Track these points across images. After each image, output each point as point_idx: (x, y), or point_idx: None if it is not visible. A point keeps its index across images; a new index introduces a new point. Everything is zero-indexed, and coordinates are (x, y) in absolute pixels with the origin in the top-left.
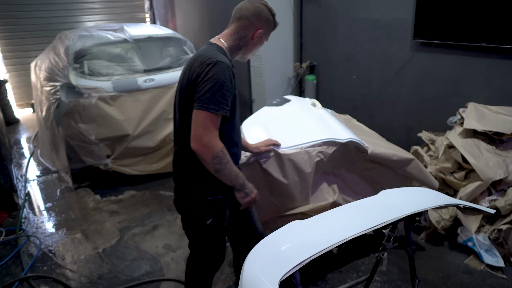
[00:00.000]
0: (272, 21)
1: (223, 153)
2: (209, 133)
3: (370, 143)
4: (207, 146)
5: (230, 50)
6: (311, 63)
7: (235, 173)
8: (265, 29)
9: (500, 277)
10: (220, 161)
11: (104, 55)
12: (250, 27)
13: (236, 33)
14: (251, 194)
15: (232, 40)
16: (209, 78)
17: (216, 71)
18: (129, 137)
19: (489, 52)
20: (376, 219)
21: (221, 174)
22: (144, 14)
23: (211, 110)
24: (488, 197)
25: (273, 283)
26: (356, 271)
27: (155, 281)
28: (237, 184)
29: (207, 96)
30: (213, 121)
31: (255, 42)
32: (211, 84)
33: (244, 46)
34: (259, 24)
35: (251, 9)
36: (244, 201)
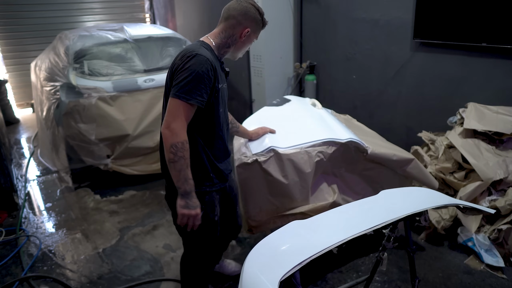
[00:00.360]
0: (260, 20)
1: (182, 145)
2: (177, 120)
3: (370, 143)
4: (171, 132)
5: (218, 48)
6: (311, 63)
7: (186, 175)
8: (252, 28)
9: (500, 277)
10: (176, 152)
11: (104, 55)
12: (238, 26)
13: (224, 31)
14: (191, 209)
15: (220, 39)
16: (186, 68)
17: (193, 62)
18: (129, 137)
19: (489, 52)
20: (376, 219)
21: (172, 167)
22: (144, 14)
23: (182, 99)
24: (488, 197)
25: (273, 283)
26: (356, 271)
27: (155, 281)
28: (181, 187)
29: (181, 85)
30: (183, 110)
31: (243, 41)
32: (187, 74)
33: (232, 44)
34: (246, 23)
35: (238, 9)
36: (181, 212)
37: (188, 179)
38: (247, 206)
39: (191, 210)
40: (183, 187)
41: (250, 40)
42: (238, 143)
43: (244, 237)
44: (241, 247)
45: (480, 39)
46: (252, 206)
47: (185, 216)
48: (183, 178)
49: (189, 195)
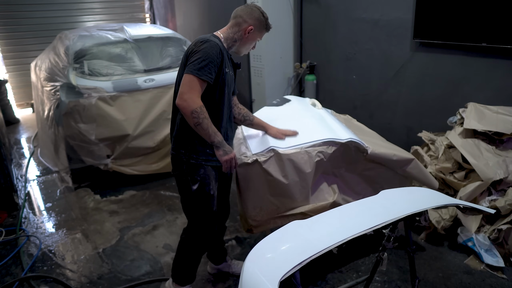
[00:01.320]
0: (263, 21)
1: (201, 109)
2: (191, 91)
3: (370, 143)
4: (187, 101)
5: (226, 40)
6: (311, 63)
7: (213, 130)
8: (256, 26)
9: (500, 277)
10: (198, 116)
11: (104, 55)
12: (243, 23)
13: (232, 28)
14: (230, 153)
15: (228, 33)
16: (199, 51)
17: (205, 46)
18: (129, 137)
19: (489, 52)
20: (376, 219)
21: (200, 128)
22: (144, 14)
23: (195, 74)
24: (488, 197)
25: (273, 283)
26: (356, 271)
27: (155, 281)
28: (214, 140)
29: (194, 63)
30: (196, 83)
31: (247, 37)
32: (200, 55)
33: (238, 39)
34: (251, 21)
35: (244, 10)
36: (223, 159)
37: (216, 131)
38: (247, 206)
39: (230, 154)
40: (215, 139)
41: (253, 38)
42: (238, 143)
43: (244, 237)
44: (241, 247)
45: (480, 39)
46: (252, 206)
47: (227, 161)
48: (212, 133)
49: (222, 143)
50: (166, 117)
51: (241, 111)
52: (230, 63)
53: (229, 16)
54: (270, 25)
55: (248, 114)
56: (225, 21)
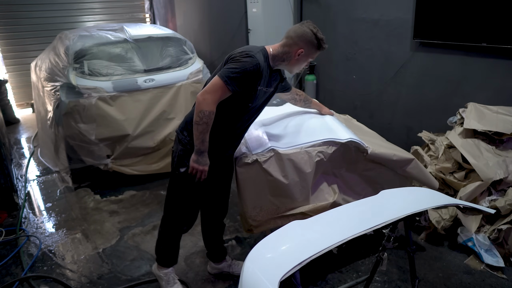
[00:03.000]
0: (315, 44)
1: (209, 114)
2: (211, 93)
3: (370, 143)
4: (204, 101)
5: (273, 59)
6: (311, 63)
7: (204, 138)
8: (306, 49)
9: (500, 277)
10: (202, 117)
11: (104, 55)
12: (293, 46)
13: (282, 47)
14: (200, 165)
15: (277, 52)
16: (240, 61)
17: (247, 60)
18: (129, 137)
19: (489, 52)
20: (376, 219)
21: (195, 127)
22: (144, 14)
23: (224, 80)
24: (488, 197)
25: (273, 283)
26: (356, 271)
27: (155, 281)
28: (197, 146)
29: (229, 70)
30: (221, 89)
31: (297, 59)
32: (237, 65)
33: (286, 60)
34: (301, 44)
35: (297, 31)
36: (192, 164)
37: (205, 141)
38: (247, 206)
39: (199, 166)
40: (199, 146)
41: (304, 60)
42: None
43: (244, 237)
44: (241, 247)
45: (480, 39)
46: (253, 206)
47: (194, 169)
48: (200, 139)
49: (202, 154)
50: (166, 117)
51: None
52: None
53: (229, 16)
54: (325, 45)
55: (307, 99)
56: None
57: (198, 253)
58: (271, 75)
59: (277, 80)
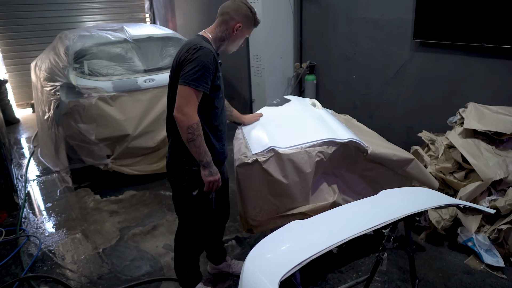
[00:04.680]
0: (251, 17)
1: (197, 125)
2: (189, 105)
3: (370, 143)
4: (186, 116)
5: (215, 41)
6: (311, 63)
7: (204, 149)
8: (244, 23)
9: (500, 277)
10: (193, 132)
11: (104, 55)
12: (230, 21)
13: (219, 26)
14: (215, 175)
15: (216, 33)
16: (194, 60)
17: (199, 54)
18: (129, 137)
19: (489, 52)
20: (376, 219)
21: (192, 145)
22: (144, 14)
23: (192, 86)
24: (488, 197)
25: (273, 283)
26: (356, 271)
27: (155, 281)
28: (203, 160)
29: (190, 74)
30: (192, 96)
31: (235, 35)
32: (194, 64)
33: (226, 38)
34: (238, 18)
35: (231, 6)
36: (207, 180)
37: (207, 151)
38: (247, 206)
39: (215, 176)
40: (204, 159)
41: (242, 35)
42: (238, 143)
43: (244, 237)
44: (241, 247)
45: (480, 39)
46: (252, 206)
47: (211, 182)
48: (203, 152)
49: (210, 164)
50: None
51: None
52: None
53: None
54: (258, 20)
55: (228, 106)
56: None
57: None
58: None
59: None
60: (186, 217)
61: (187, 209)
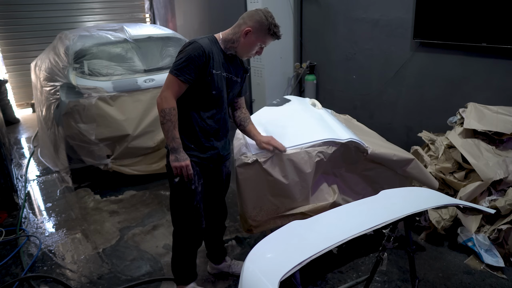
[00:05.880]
0: (264, 25)
1: (169, 111)
2: (167, 90)
3: (370, 143)
4: (162, 100)
5: (224, 42)
6: (311, 63)
7: (173, 135)
8: (255, 29)
9: (500, 277)
10: (164, 116)
11: (104, 55)
12: (242, 25)
13: (233, 28)
14: (181, 161)
15: (227, 34)
16: (182, 51)
17: (189, 48)
18: (129, 137)
19: (489, 52)
20: (376, 219)
21: (162, 128)
22: (144, 14)
23: (174, 73)
24: (488, 197)
25: (273, 283)
26: (356, 271)
27: (155, 281)
28: (170, 144)
29: (176, 64)
30: (173, 83)
31: (245, 40)
32: (182, 56)
33: (236, 41)
34: (250, 23)
35: (249, 12)
36: (172, 164)
37: (175, 138)
38: (247, 206)
39: (181, 162)
40: (171, 144)
41: (252, 42)
42: (238, 143)
43: (244, 237)
44: (241, 247)
45: (480, 39)
46: (252, 206)
47: (177, 167)
48: (171, 137)
49: (177, 150)
50: None
51: (241, 115)
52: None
53: (229, 15)
54: (278, 32)
55: (245, 120)
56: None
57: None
58: (231, 62)
59: (241, 68)
60: (172, 207)
61: (172, 199)
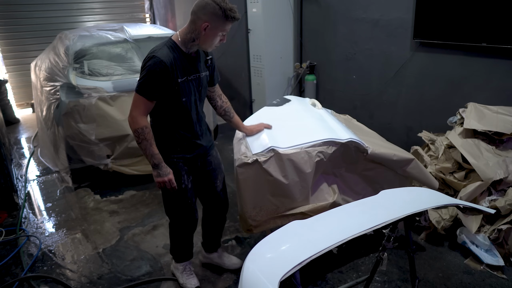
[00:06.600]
0: (220, 14)
1: (142, 130)
2: (135, 110)
3: (370, 143)
4: (132, 121)
5: (185, 42)
6: (311, 63)
7: (151, 152)
8: (212, 22)
9: (500, 277)
10: (139, 136)
11: (104, 55)
12: (198, 21)
13: (188, 27)
14: (163, 176)
15: (185, 34)
16: (143, 68)
17: (149, 63)
18: (129, 137)
19: (489, 52)
20: (376, 219)
21: (140, 147)
22: (144, 14)
23: (139, 92)
24: (488, 197)
25: (273, 283)
26: (356, 271)
27: (155, 281)
28: (150, 161)
29: (139, 82)
30: (139, 101)
31: (206, 34)
32: (144, 73)
33: (197, 38)
34: (205, 17)
35: (198, 5)
36: (156, 180)
37: (154, 154)
38: (247, 206)
39: (164, 177)
40: (151, 161)
41: (214, 33)
42: (238, 143)
43: (244, 237)
44: (241, 247)
45: (480, 39)
46: (252, 206)
47: (160, 183)
48: (149, 155)
49: (158, 166)
50: None
51: (223, 105)
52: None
53: None
54: (234, 14)
55: (229, 110)
56: None
57: (197, 254)
58: (196, 61)
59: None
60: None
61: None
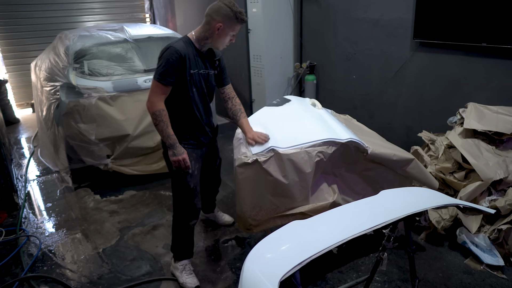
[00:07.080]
0: (232, 16)
1: (160, 113)
2: (153, 95)
3: (370, 143)
4: (150, 105)
5: (198, 40)
6: (311, 63)
7: (167, 133)
8: (225, 23)
9: (500, 277)
10: (156, 118)
11: (104, 55)
12: (212, 22)
13: (203, 27)
14: (178, 156)
15: (199, 33)
16: (161, 57)
17: (166, 53)
18: (129, 137)
19: (489, 52)
20: (376, 219)
21: (157, 129)
22: (144, 14)
23: (157, 79)
24: (488, 197)
25: (273, 283)
26: (356, 271)
27: (155, 281)
28: (166, 142)
29: (157, 69)
30: (157, 87)
31: (218, 34)
32: (161, 61)
33: (210, 37)
34: (218, 18)
35: (213, 8)
36: (171, 159)
37: (170, 135)
38: (247, 206)
39: (178, 156)
40: (167, 141)
41: (225, 33)
42: (238, 143)
43: (244, 237)
44: (241, 247)
45: (480, 39)
46: (252, 205)
47: (175, 161)
48: (166, 135)
49: (173, 146)
50: None
51: (233, 108)
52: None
53: None
54: (243, 17)
55: (237, 113)
56: None
57: (197, 254)
58: (206, 58)
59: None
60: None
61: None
